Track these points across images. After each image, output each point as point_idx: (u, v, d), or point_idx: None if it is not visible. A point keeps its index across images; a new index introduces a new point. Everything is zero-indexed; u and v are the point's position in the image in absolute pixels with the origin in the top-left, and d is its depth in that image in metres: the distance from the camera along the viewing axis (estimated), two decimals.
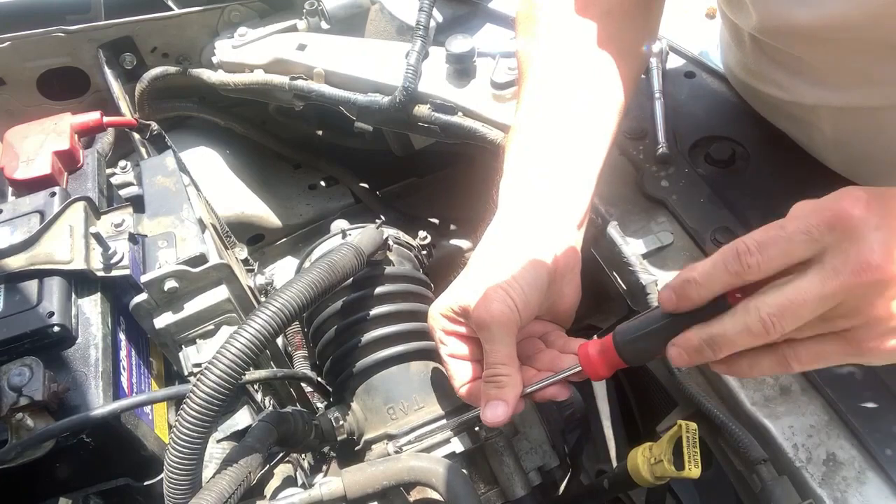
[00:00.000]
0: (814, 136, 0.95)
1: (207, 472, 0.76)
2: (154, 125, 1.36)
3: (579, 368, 0.72)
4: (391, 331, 0.92)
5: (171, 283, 0.87)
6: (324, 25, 1.41)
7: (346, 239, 1.01)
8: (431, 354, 0.93)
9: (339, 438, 0.91)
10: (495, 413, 0.72)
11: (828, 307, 0.56)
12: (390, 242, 1.01)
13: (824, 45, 0.80)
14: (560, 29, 0.89)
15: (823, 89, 0.87)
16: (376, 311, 0.93)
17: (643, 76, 1.06)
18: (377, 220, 1.03)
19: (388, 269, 0.98)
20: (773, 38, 0.88)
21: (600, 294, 1.18)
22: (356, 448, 0.91)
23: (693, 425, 0.74)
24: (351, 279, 0.90)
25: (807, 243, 0.55)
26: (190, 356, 0.89)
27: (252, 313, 0.72)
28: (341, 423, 0.90)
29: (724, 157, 0.98)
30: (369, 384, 0.91)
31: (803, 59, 0.86)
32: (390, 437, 0.87)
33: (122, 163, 1.18)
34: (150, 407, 0.90)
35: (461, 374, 0.77)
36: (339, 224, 1.06)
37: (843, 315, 0.57)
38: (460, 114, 1.14)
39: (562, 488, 0.99)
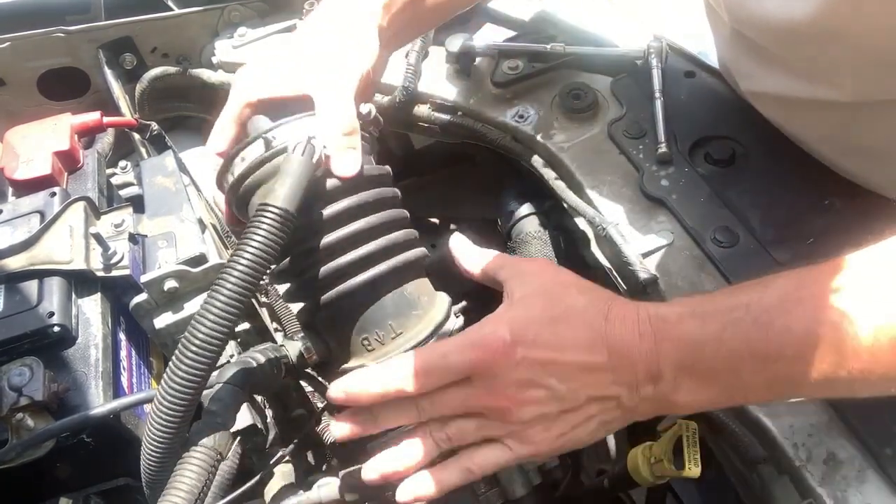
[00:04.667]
0: (795, 128, 0.96)
1: None
2: (154, 125, 1.36)
3: None
4: (350, 259, 0.75)
5: (171, 283, 0.87)
6: None
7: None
8: (403, 273, 0.78)
9: (311, 365, 0.79)
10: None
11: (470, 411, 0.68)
12: None
13: (796, 40, 0.81)
14: None
15: (796, 82, 0.86)
16: (331, 237, 0.75)
17: (643, 75, 1.06)
18: None
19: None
20: (747, 30, 0.88)
21: None
22: (332, 371, 0.79)
23: (693, 425, 0.75)
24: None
25: (460, 374, 0.67)
26: None
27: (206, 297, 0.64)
28: (312, 354, 0.78)
29: (724, 156, 0.98)
30: (339, 317, 0.77)
31: (773, 51, 0.86)
32: None
33: (122, 163, 1.18)
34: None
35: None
36: (258, 124, 0.80)
37: (490, 427, 0.68)
38: (460, 114, 1.14)
39: (562, 488, 0.99)
